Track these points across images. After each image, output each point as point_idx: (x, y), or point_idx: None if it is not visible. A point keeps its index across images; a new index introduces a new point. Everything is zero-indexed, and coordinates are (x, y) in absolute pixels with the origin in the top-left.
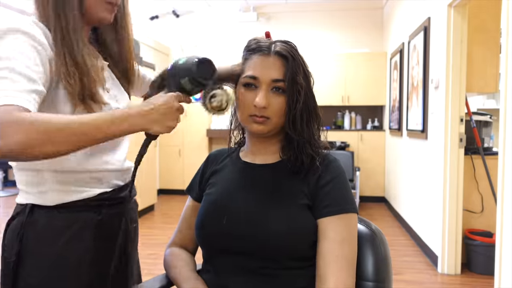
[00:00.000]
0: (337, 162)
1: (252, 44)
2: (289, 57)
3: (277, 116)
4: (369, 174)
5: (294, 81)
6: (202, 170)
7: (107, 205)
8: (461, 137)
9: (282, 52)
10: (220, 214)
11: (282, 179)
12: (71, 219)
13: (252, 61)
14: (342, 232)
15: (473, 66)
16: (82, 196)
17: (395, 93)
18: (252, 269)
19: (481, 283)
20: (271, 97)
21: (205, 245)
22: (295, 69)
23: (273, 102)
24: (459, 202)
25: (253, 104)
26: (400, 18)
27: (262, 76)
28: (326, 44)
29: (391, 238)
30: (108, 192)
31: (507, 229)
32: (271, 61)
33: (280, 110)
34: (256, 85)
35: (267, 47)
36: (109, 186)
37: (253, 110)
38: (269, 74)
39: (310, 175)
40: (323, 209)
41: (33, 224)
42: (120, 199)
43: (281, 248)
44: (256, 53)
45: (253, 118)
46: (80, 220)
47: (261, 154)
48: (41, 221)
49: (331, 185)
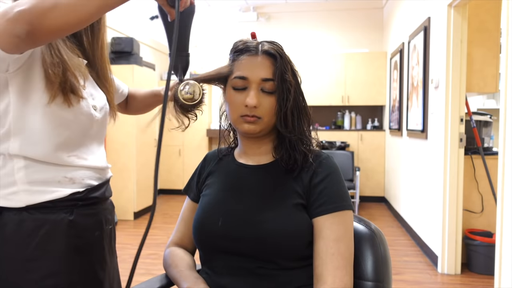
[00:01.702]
0: (330, 159)
1: (239, 45)
2: (277, 55)
3: (268, 116)
4: (369, 174)
5: (284, 80)
6: (199, 170)
7: (80, 205)
8: (461, 137)
9: (270, 51)
10: (216, 216)
11: (276, 179)
12: (42, 220)
13: (240, 62)
14: (338, 230)
15: (473, 66)
16: (53, 196)
17: (395, 93)
18: (249, 270)
19: (481, 283)
20: (261, 97)
21: (202, 247)
22: (283, 67)
23: (263, 101)
24: (459, 202)
25: (244, 104)
26: (400, 18)
27: (251, 76)
28: (326, 44)
29: (391, 238)
30: (81, 192)
31: (507, 229)
32: (259, 61)
33: (271, 109)
34: (245, 85)
35: (255, 47)
36: (81, 186)
37: (243, 110)
38: (258, 74)
39: (304, 174)
40: (318, 208)
41: (2, 227)
42: (94, 199)
43: (277, 248)
44: (244, 54)
45: (244, 118)
46: (50, 221)
47: (254, 154)
48: (9, 224)
49: (324, 183)
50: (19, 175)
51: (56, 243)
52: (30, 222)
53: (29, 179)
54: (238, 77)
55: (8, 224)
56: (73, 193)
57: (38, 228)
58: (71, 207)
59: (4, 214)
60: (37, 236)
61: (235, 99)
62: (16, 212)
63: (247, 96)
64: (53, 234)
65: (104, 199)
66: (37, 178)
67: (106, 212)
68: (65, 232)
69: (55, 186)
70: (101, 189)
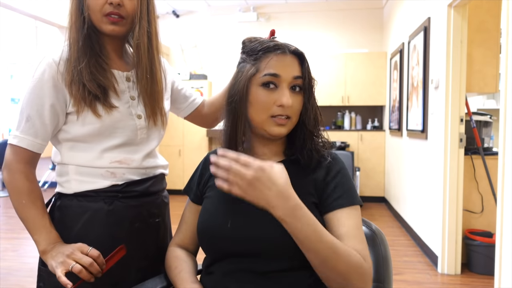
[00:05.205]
0: (338, 156)
1: (266, 43)
2: (304, 55)
3: (296, 115)
4: (369, 174)
5: (310, 79)
6: (200, 170)
7: (120, 197)
8: (461, 137)
9: (298, 51)
10: (224, 218)
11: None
12: (86, 206)
13: (269, 60)
14: (355, 222)
15: (473, 66)
16: (94, 186)
17: (395, 93)
18: (256, 271)
19: (481, 283)
20: (291, 96)
21: (209, 250)
22: (308, 67)
23: (294, 101)
24: (459, 202)
25: (276, 104)
26: (400, 18)
27: (284, 74)
28: (326, 44)
29: (391, 238)
30: (119, 185)
31: (507, 229)
32: (289, 59)
33: (299, 109)
34: (276, 84)
35: (283, 46)
36: (121, 180)
37: (275, 110)
38: (290, 72)
39: (316, 172)
40: (333, 202)
41: (59, 210)
42: (135, 192)
43: (287, 249)
44: (273, 52)
45: (275, 120)
46: (92, 208)
47: (264, 154)
48: (62, 208)
49: (338, 179)
50: (71, 166)
51: (95, 229)
52: (76, 208)
53: (79, 171)
54: (270, 74)
55: (62, 207)
56: (113, 185)
57: (82, 214)
58: (112, 198)
59: (61, 199)
60: (81, 221)
61: (265, 98)
62: (69, 198)
63: (281, 95)
64: (93, 220)
65: (148, 194)
66: (85, 171)
67: (151, 206)
68: (104, 220)
69: (98, 178)
70: (144, 184)
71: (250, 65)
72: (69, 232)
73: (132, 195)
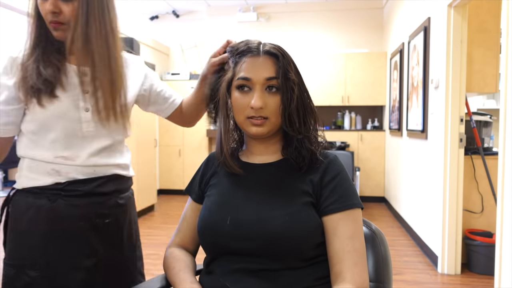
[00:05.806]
0: (338, 159)
1: (240, 47)
2: (279, 55)
3: (275, 115)
4: (369, 174)
5: (287, 78)
6: (202, 171)
7: (63, 195)
8: (461, 137)
9: (272, 50)
10: (223, 215)
11: (284, 178)
12: (31, 202)
13: (243, 63)
14: (351, 228)
15: (473, 66)
16: (39, 183)
17: (395, 93)
18: (256, 269)
19: (481, 283)
20: (266, 97)
21: (209, 247)
22: (286, 66)
23: (269, 101)
24: (459, 202)
25: (249, 106)
26: (400, 18)
27: (254, 76)
28: (326, 44)
29: (391, 238)
30: (62, 183)
31: (507, 229)
32: (261, 61)
33: (277, 109)
34: (249, 86)
35: (256, 48)
36: (65, 178)
37: (249, 112)
38: (262, 74)
39: (313, 173)
40: (330, 206)
41: (12, 204)
42: (78, 191)
43: (286, 248)
44: (246, 55)
45: (251, 121)
46: (35, 205)
47: (261, 154)
48: (13, 203)
49: (335, 181)
50: (26, 160)
51: (39, 225)
52: (23, 203)
53: (29, 166)
54: (242, 78)
55: (13, 202)
56: (56, 183)
57: (27, 210)
58: (56, 195)
59: (15, 194)
60: (27, 215)
61: (240, 101)
62: (19, 193)
63: (252, 97)
64: (37, 216)
65: (96, 194)
66: (34, 167)
67: (100, 206)
68: (46, 216)
69: (43, 175)
70: (90, 183)
71: (230, 69)
72: (16, 226)
73: (76, 194)
